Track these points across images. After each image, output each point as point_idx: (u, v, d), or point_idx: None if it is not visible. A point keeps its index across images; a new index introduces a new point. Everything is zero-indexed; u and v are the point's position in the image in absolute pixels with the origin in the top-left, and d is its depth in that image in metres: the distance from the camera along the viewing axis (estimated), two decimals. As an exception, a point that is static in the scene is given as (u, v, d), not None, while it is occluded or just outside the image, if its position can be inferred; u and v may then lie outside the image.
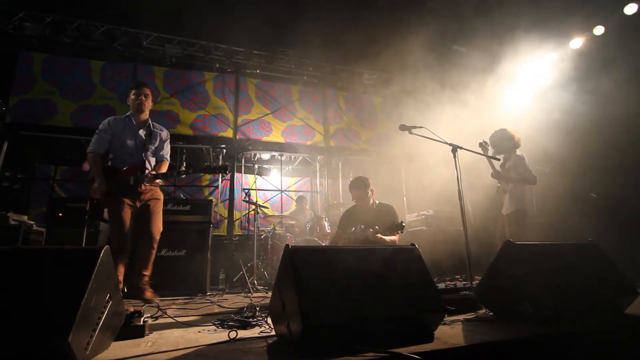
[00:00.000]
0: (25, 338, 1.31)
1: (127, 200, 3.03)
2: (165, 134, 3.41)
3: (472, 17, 6.50)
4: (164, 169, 3.31)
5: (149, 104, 3.30)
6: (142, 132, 3.24)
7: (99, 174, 3.03)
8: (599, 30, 6.39)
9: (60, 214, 4.24)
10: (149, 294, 3.05)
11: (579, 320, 1.89)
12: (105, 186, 3.00)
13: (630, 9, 5.63)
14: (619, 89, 5.16)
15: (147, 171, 3.13)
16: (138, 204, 3.10)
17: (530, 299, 1.99)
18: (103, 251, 1.57)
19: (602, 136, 5.18)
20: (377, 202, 3.77)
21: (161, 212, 3.26)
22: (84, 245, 4.16)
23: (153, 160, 3.29)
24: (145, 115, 3.29)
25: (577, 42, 6.62)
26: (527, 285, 2.03)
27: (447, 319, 2.09)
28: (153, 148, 3.28)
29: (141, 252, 3.11)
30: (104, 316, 1.58)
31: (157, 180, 3.20)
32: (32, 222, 4.56)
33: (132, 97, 3.23)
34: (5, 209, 4.43)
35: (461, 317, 2.19)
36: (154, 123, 3.37)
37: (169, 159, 3.41)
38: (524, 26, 6.18)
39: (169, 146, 3.45)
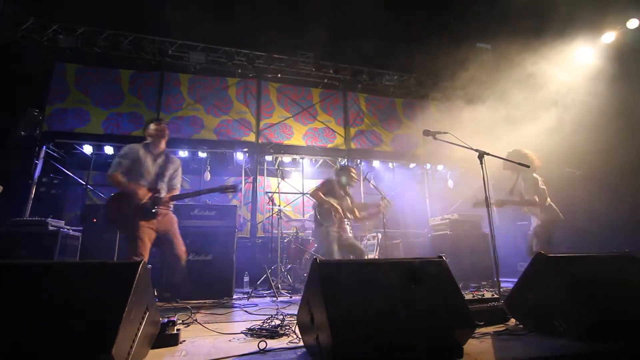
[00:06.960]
0: (70, 351, 1.40)
1: (145, 224, 3.05)
2: (177, 164, 3.50)
3: (498, 14, 6.33)
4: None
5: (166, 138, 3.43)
6: (159, 161, 3.36)
7: (130, 184, 3.10)
8: (633, 23, 6.09)
9: (95, 219, 4.45)
10: None
11: (616, 337, 1.83)
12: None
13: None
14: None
15: (163, 194, 3.22)
16: (154, 227, 3.12)
17: (562, 314, 1.93)
18: (141, 265, 1.64)
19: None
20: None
21: (178, 232, 3.34)
22: (117, 250, 4.34)
23: (166, 188, 3.37)
24: (163, 146, 3.42)
25: (610, 36, 6.33)
26: (559, 299, 1.98)
27: (477, 331, 2.06)
28: (168, 176, 3.39)
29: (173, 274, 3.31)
30: (142, 327, 1.65)
31: (171, 204, 3.31)
32: (68, 227, 4.79)
33: (155, 127, 3.34)
34: (44, 213, 4.69)
35: (491, 329, 2.16)
36: (169, 154, 3.48)
37: (179, 188, 3.51)
38: (553, 21, 5.97)
39: (180, 176, 3.55)
